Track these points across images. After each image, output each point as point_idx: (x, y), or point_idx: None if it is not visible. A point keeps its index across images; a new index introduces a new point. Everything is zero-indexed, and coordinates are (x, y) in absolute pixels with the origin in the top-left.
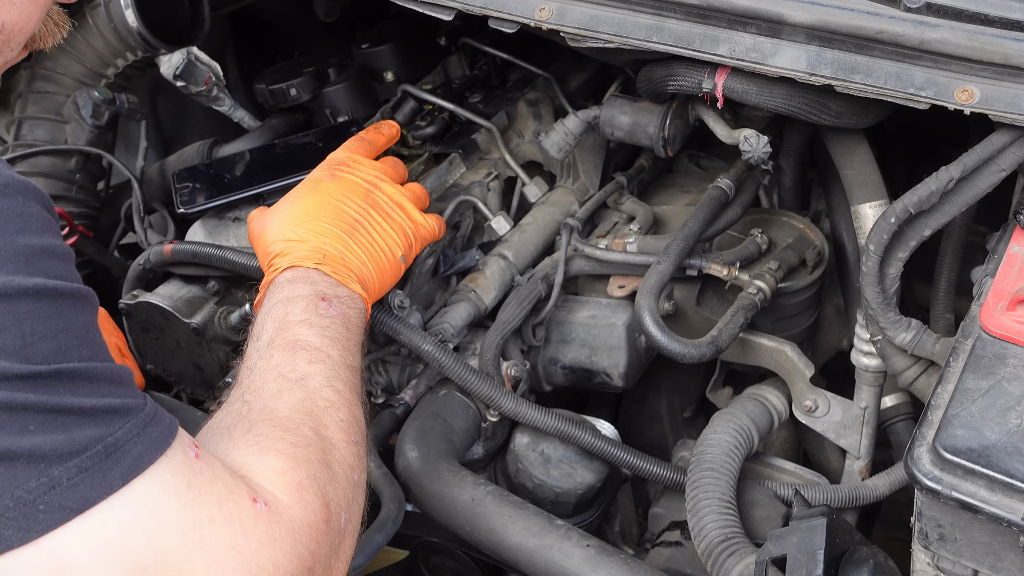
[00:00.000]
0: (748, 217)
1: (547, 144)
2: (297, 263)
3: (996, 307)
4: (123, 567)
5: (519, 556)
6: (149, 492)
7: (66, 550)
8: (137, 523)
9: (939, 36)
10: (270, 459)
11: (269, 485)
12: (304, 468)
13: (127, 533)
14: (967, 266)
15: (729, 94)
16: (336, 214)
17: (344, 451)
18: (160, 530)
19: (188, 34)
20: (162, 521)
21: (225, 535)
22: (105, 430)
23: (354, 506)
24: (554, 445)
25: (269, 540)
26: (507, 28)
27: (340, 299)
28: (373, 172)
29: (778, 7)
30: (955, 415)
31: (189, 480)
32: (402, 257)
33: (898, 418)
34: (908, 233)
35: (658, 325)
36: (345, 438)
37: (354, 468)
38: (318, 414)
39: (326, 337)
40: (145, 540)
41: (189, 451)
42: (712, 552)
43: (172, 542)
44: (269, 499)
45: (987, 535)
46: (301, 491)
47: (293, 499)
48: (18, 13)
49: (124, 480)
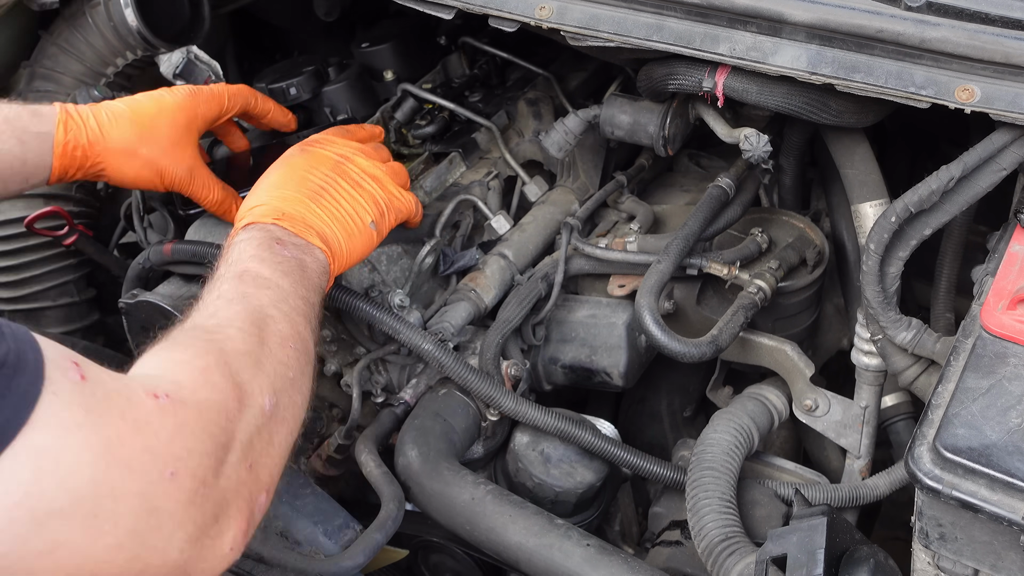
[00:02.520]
0: (748, 216)
1: (547, 143)
2: (256, 220)
3: (997, 306)
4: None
5: (519, 555)
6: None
7: None
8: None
9: (940, 35)
10: (175, 353)
11: (171, 375)
12: (213, 355)
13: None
14: (967, 265)
15: (729, 93)
16: (301, 182)
17: (276, 349)
18: (71, 471)
19: (188, 33)
20: (70, 461)
21: (136, 443)
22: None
23: (285, 396)
24: (554, 444)
25: (178, 428)
26: (507, 27)
27: (297, 246)
28: (346, 147)
29: (778, 6)
30: (956, 414)
31: (85, 406)
32: (372, 223)
33: (898, 417)
34: (909, 232)
35: (658, 324)
36: (279, 341)
37: (288, 366)
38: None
39: (278, 270)
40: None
41: (72, 374)
42: (712, 551)
43: (85, 475)
44: (170, 389)
45: (988, 534)
46: (206, 374)
47: (197, 382)
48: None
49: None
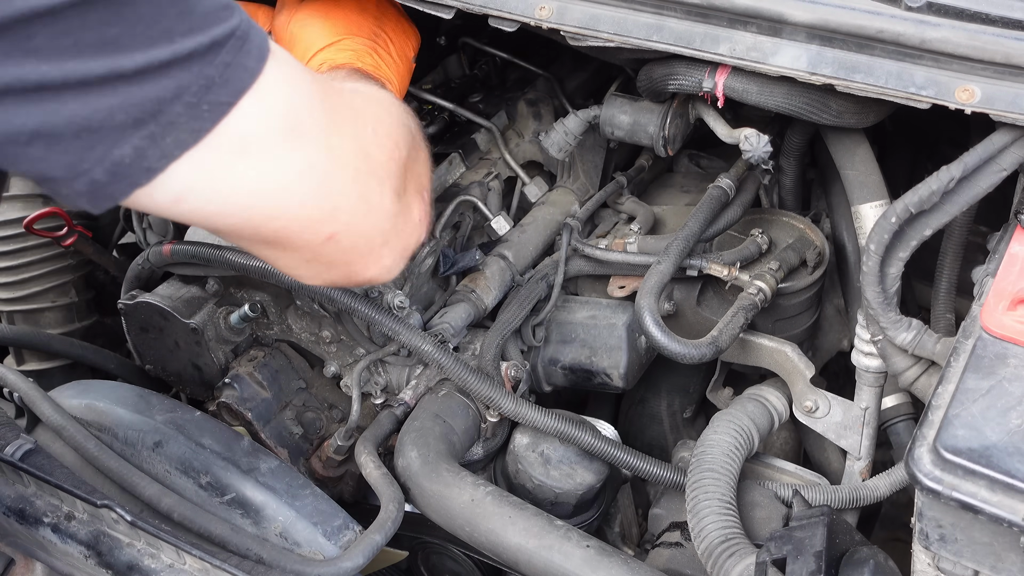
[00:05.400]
0: (748, 217)
1: (547, 144)
2: (337, 64)
3: (997, 307)
4: (289, 125)
5: (519, 557)
6: (282, 71)
7: (241, 127)
8: (286, 94)
9: (940, 35)
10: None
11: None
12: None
13: (285, 105)
14: (968, 266)
15: (730, 93)
16: (358, 28)
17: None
18: (303, 99)
19: None
20: (302, 89)
21: (345, 100)
22: (230, 24)
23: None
24: (554, 446)
25: (377, 99)
26: (507, 27)
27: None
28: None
29: (779, 6)
30: (956, 415)
31: (301, 67)
32: (414, 58)
33: (899, 418)
34: (909, 233)
35: (658, 325)
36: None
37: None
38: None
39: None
40: (292, 105)
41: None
42: (712, 553)
43: (317, 106)
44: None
45: (988, 535)
46: (386, 92)
47: (385, 96)
48: None
49: (259, 64)
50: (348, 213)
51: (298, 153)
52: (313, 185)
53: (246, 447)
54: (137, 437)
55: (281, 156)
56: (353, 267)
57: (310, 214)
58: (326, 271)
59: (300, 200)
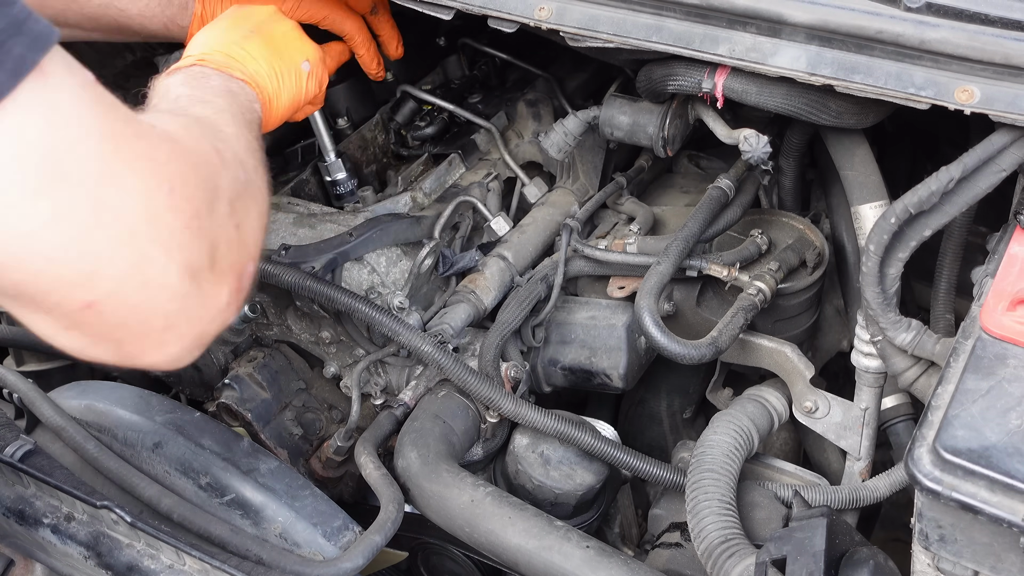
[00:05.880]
0: (748, 218)
1: (547, 144)
2: (178, 67)
3: (996, 307)
4: (44, 163)
5: (519, 557)
6: (50, 99)
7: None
8: (54, 129)
9: (939, 36)
10: (152, 117)
11: (160, 123)
12: (189, 118)
13: (39, 137)
14: (967, 266)
15: (729, 94)
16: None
17: (232, 139)
18: (78, 136)
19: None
20: (77, 122)
21: (139, 147)
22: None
23: (254, 173)
24: (554, 446)
25: (175, 154)
26: (506, 28)
27: (221, 77)
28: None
29: (778, 7)
30: (955, 416)
31: (88, 98)
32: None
33: (898, 419)
34: (908, 233)
35: (658, 326)
36: (234, 133)
37: (247, 153)
38: (198, 119)
39: (208, 93)
40: (65, 147)
41: (78, 71)
42: (712, 553)
43: (92, 148)
44: (164, 129)
45: (987, 536)
46: (189, 130)
47: (184, 134)
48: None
49: (13, 80)
50: (113, 281)
51: (48, 200)
52: (65, 240)
53: (246, 448)
54: (137, 438)
55: (24, 198)
56: (125, 347)
57: (60, 272)
58: (92, 346)
59: (47, 255)
